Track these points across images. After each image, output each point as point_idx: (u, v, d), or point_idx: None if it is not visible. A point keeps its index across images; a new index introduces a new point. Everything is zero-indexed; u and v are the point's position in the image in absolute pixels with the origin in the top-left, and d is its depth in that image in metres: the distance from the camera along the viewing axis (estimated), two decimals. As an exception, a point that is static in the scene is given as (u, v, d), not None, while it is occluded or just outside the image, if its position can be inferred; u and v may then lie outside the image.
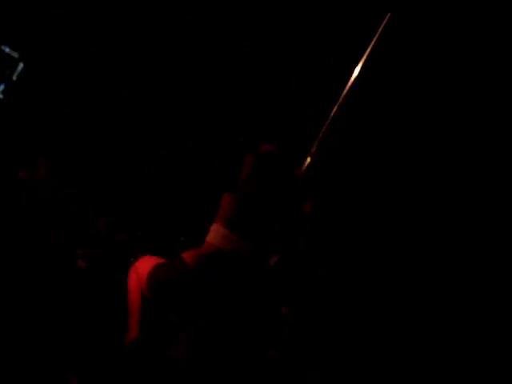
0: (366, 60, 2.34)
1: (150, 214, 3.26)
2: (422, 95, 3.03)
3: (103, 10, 3.43)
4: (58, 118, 3.46)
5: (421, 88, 3.02)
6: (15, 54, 3.44)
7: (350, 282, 2.94)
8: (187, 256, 1.96)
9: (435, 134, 3.04)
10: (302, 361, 2.43)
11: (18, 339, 2.09)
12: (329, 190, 2.94)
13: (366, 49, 2.35)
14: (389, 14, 2.31)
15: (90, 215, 3.13)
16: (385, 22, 2.30)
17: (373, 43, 2.32)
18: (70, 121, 3.47)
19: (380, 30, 2.31)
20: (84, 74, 3.51)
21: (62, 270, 2.54)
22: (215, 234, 2.01)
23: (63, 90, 3.50)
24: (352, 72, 2.37)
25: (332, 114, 2.33)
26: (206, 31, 3.45)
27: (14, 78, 3.43)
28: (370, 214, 3.05)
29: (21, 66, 3.43)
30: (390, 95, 3.06)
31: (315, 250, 2.81)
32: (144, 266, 1.99)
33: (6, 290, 2.26)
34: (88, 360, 2.09)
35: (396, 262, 2.99)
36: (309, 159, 2.30)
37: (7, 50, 3.41)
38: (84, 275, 2.59)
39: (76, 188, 3.29)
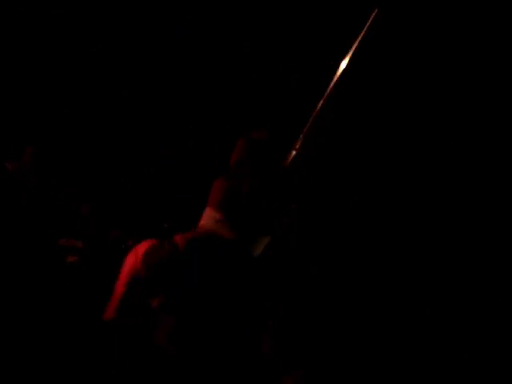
0: (353, 54, 2.33)
1: (150, 214, 3.26)
2: (410, 89, 3.04)
3: (102, 8, 3.43)
4: (51, 113, 3.46)
5: (409, 82, 3.04)
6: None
7: (344, 279, 2.94)
8: (179, 238, 1.96)
9: (424, 127, 3.05)
10: (296, 360, 2.43)
11: (17, 336, 2.10)
12: (319, 185, 2.95)
13: (353, 43, 2.35)
14: (375, 9, 2.32)
15: (89, 214, 3.13)
16: (372, 17, 2.30)
17: (360, 38, 2.32)
18: (68, 119, 3.48)
19: (367, 24, 2.32)
20: (82, 74, 3.51)
21: (60, 268, 2.54)
22: (208, 218, 2.01)
23: (58, 88, 3.50)
24: (338, 66, 2.36)
25: (318, 107, 2.33)
26: (206, 31, 3.45)
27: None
28: (363, 209, 3.06)
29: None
30: (377, 89, 3.08)
31: (307, 246, 2.81)
32: (142, 247, 1.99)
33: (4, 289, 2.26)
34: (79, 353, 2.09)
35: (394, 258, 2.99)
36: (294, 152, 2.29)
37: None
38: (77, 272, 2.59)
39: (76, 188, 3.30)
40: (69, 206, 3.18)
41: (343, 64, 2.37)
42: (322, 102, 2.35)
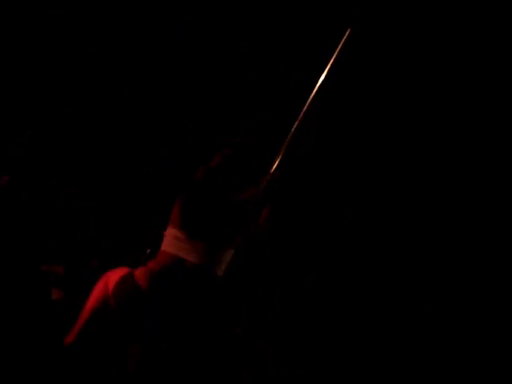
0: (329, 69, 2.33)
1: (149, 216, 3.26)
2: (386, 103, 3.09)
3: (102, 8, 3.43)
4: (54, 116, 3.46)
5: (385, 97, 3.08)
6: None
7: (343, 287, 2.94)
8: (141, 274, 1.96)
9: (406, 136, 3.08)
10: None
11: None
12: (311, 193, 2.97)
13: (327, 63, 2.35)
14: (348, 29, 2.33)
15: (89, 215, 3.13)
16: (345, 37, 2.33)
17: (333, 58, 2.33)
18: (68, 119, 3.48)
19: (340, 45, 2.33)
20: (82, 74, 3.51)
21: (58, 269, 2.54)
22: (168, 238, 2.02)
23: (58, 88, 3.50)
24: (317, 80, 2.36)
25: (300, 117, 2.32)
26: (206, 31, 3.45)
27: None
28: (359, 215, 3.07)
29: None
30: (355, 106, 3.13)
31: (304, 255, 2.81)
32: (112, 277, 2.00)
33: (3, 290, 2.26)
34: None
35: (394, 263, 2.99)
36: (277, 161, 2.27)
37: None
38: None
39: (76, 188, 3.30)
40: (69, 205, 3.18)
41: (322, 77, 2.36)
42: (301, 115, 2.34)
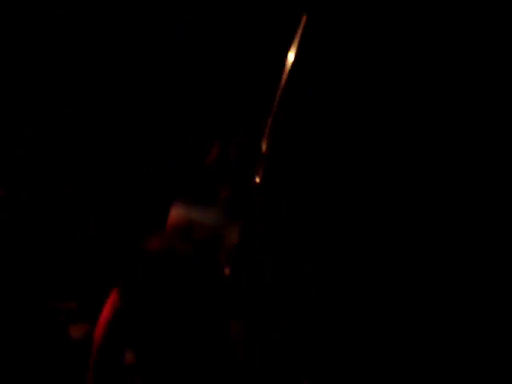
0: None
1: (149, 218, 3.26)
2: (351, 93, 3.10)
3: (102, 8, 3.43)
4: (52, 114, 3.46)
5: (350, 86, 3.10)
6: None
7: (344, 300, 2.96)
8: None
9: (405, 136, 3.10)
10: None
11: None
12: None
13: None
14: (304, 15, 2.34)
15: (89, 215, 3.14)
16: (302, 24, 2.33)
17: (295, 47, 2.33)
18: (68, 119, 3.48)
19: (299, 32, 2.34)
20: (82, 74, 3.51)
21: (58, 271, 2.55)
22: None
23: (58, 88, 3.50)
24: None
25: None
26: (205, 31, 3.45)
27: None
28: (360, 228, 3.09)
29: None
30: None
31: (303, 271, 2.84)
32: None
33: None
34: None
35: (394, 275, 3.00)
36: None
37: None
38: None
39: (76, 188, 3.30)
40: (69, 205, 3.19)
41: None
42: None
